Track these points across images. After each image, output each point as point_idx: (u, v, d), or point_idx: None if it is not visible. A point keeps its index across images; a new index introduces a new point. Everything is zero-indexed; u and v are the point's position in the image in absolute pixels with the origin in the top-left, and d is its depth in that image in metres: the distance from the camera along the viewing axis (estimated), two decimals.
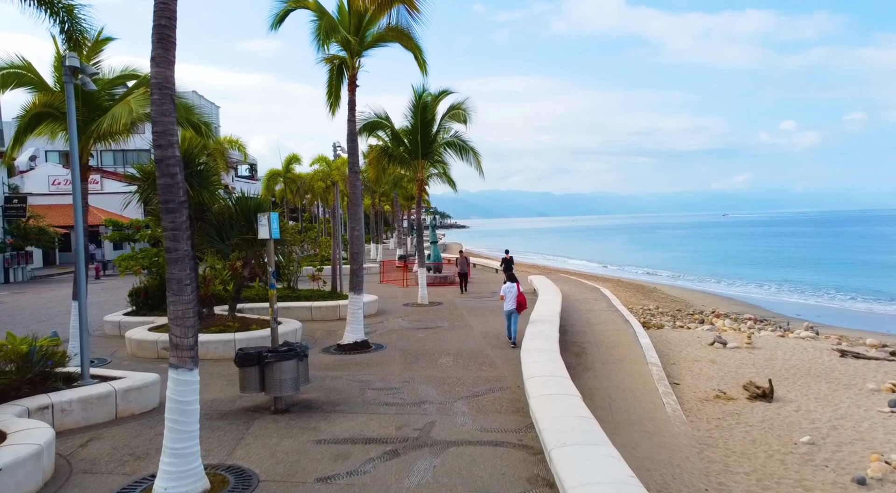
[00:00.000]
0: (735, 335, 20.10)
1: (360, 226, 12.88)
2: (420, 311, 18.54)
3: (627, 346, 16.13)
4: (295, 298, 17.65)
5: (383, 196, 47.81)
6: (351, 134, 12.83)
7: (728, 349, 17.53)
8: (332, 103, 13.84)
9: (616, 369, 14.26)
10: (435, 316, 17.43)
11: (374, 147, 21.03)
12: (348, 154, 12.84)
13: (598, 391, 12.46)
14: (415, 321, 16.59)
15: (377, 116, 19.32)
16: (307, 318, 16.85)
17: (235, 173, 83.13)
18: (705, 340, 19.40)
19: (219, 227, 13.55)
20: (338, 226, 20.40)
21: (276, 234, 9.10)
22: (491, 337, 14.11)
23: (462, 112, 19.09)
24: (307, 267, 19.30)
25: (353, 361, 11.80)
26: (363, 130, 19.32)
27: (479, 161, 20.73)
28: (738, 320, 27.98)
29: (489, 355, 12.07)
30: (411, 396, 9.27)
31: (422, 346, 13.12)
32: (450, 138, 20.36)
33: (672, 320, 27.40)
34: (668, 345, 18.56)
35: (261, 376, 8.45)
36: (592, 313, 19.75)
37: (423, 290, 19.80)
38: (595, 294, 23.38)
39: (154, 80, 5.62)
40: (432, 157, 20.37)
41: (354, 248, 12.87)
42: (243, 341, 12.26)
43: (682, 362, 16.42)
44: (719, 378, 14.47)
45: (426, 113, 19.26)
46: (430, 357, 12.00)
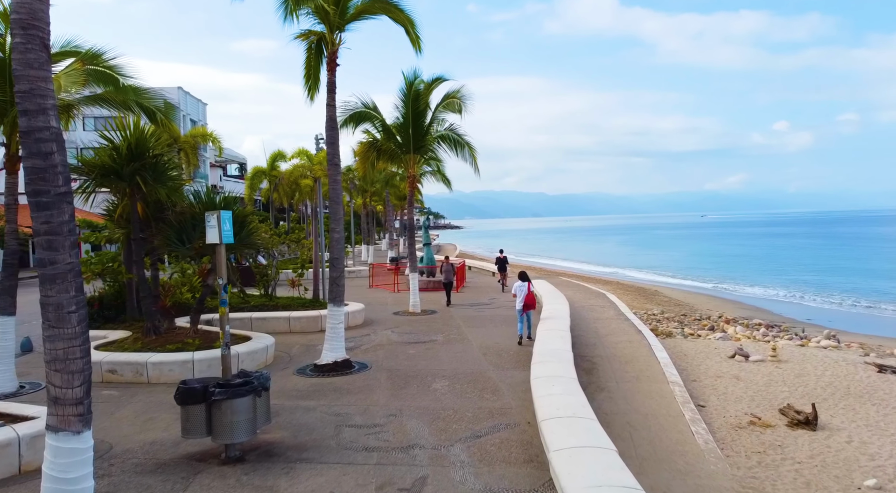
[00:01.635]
0: (756, 346, 18.46)
1: (341, 227, 11.14)
2: (412, 321, 16.79)
3: (643, 360, 14.43)
4: (272, 306, 15.87)
5: (375, 195, 45.98)
6: (330, 120, 11.08)
7: (752, 363, 15.87)
8: (311, 87, 12.08)
9: (633, 388, 12.56)
10: (428, 327, 15.68)
11: (364, 143, 19.27)
12: (327, 144, 11.09)
13: (616, 417, 10.76)
14: (405, 334, 14.83)
15: (364, 106, 17.56)
16: (284, 329, 15.07)
17: (224, 172, 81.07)
18: (724, 351, 17.75)
19: (180, 228, 11.77)
20: (320, 226, 18.63)
21: (227, 237, 7.33)
22: (491, 354, 12.37)
23: (457, 101, 17.34)
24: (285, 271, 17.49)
25: (331, 385, 10.04)
26: (349, 122, 17.56)
27: (474, 157, 19.02)
28: (750, 326, 26.42)
29: (491, 379, 10.32)
30: (398, 436, 7.52)
31: (412, 365, 11.37)
32: (444, 131, 18.63)
33: (679, 326, 25.82)
34: (685, 357, 16.89)
35: (207, 417, 6.69)
36: (601, 322, 18.05)
37: (415, 297, 18.05)
38: (601, 300, 21.70)
39: (15, 16, 3.84)
40: (425, 151, 18.62)
41: (334, 252, 11.12)
42: (204, 362, 10.48)
43: (702, 377, 14.73)
44: (749, 399, 12.80)
45: (418, 102, 17.51)
46: (421, 381, 10.25)
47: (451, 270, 20.35)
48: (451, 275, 20.25)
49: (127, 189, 11.15)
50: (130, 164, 10.86)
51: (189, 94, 62.98)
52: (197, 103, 65.76)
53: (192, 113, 63.62)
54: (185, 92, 61.99)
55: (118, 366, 10.33)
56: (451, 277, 20.30)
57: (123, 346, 11.14)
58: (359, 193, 44.67)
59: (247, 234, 12.12)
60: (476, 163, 19.14)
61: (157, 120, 11.09)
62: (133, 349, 10.91)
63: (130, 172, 10.86)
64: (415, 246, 19.18)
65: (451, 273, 20.22)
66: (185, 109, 60.97)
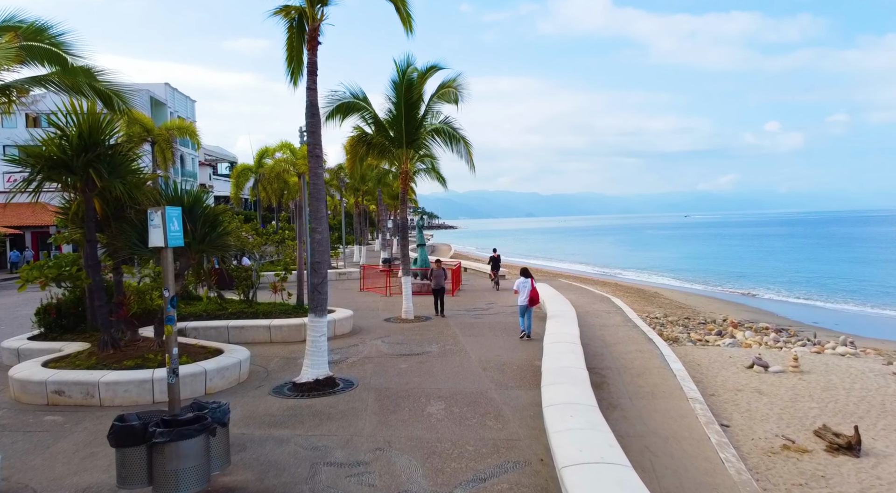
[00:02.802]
0: (773, 355, 17.28)
1: (324, 227, 9.83)
2: (404, 328, 15.49)
3: (657, 373, 13.18)
4: (252, 314, 14.53)
5: (367, 195, 44.62)
6: (311, 106, 9.77)
7: (773, 375, 14.67)
8: (294, 70, 10.77)
9: (649, 406, 11.31)
10: (422, 336, 14.38)
11: (353, 137, 17.93)
12: (308, 133, 9.78)
13: (634, 441, 9.51)
14: (397, 344, 13.53)
15: (353, 96, 16.23)
16: (264, 339, 13.75)
17: (214, 171, 79.46)
18: (739, 360, 16.57)
19: (142, 228, 10.42)
20: (305, 225, 17.27)
21: (175, 239, 6.00)
22: (492, 368, 11.09)
23: (453, 90, 16.04)
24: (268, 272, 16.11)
25: (310, 409, 8.72)
26: (336, 113, 16.23)
27: (470, 152, 17.73)
28: (759, 331, 25.31)
29: (494, 401, 9.04)
30: (385, 479, 6.23)
31: (404, 383, 10.07)
32: (438, 125, 17.33)
33: (685, 330, 24.68)
34: (698, 368, 15.68)
35: (148, 463, 5.38)
36: (607, 329, 16.81)
37: (408, 302, 16.76)
38: (606, 305, 20.46)
39: None
40: (418, 146, 17.32)
41: (316, 255, 9.81)
42: (165, 382, 9.14)
43: (721, 391, 13.52)
44: (776, 417, 11.59)
45: (411, 93, 16.21)
46: (414, 402, 8.96)
47: (443, 275, 17.69)
48: (442, 280, 17.55)
49: (79, 184, 9.79)
50: (83, 155, 9.51)
51: (177, 90, 61.43)
52: (185, 100, 64.18)
53: (179, 110, 62.04)
54: (173, 88, 60.45)
55: (66, 386, 8.98)
56: (442, 282, 17.53)
57: (76, 362, 9.79)
58: (350, 192, 43.33)
59: (218, 235, 10.79)
60: (472, 159, 17.85)
61: (115, 106, 9.73)
62: (86, 366, 9.57)
63: (83, 165, 9.52)
64: (408, 247, 17.88)
65: (442, 278, 17.54)
66: (172, 106, 59.42)
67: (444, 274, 17.66)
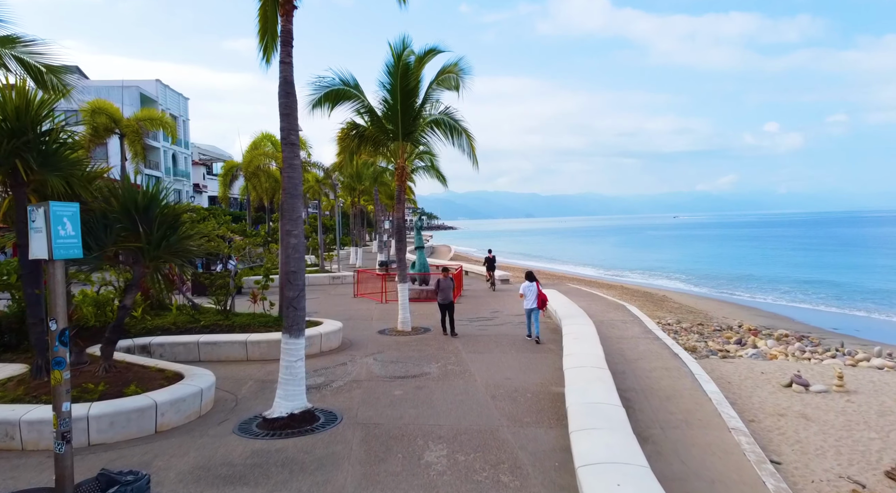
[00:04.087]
0: (811, 370, 15.58)
1: (300, 229, 8.14)
2: (400, 343, 13.79)
3: (688, 396, 11.47)
4: (227, 327, 12.82)
5: (364, 194, 42.90)
6: (285, 83, 8.08)
7: (816, 395, 12.99)
8: (267, 45, 9.11)
9: (685, 438, 9.61)
10: (419, 352, 12.68)
11: (344, 129, 16.23)
12: (281, 116, 8.09)
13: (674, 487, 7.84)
14: (391, 362, 11.82)
15: (343, 83, 14.54)
16: (240, 357, 12.06)
17: (209, 171, 77.66)
18: (773, 376, 14.90)
19: (85, 230, 8.74)
20: None
21: (66, 249, 4.31)
22: (503, 396, 9.38)
23: (454, 75, 14.35)
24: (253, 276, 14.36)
25: (279, 455, 7.02)
26: (324, 101, 14.54)
27: (473, 146, 16.04)
28: (780, 339, 23.65)
29: (507, 444, 7.34)
30: None
31: (397, 417, 8.37)
32: (438, 116, 15.63)
33: (702, 339, 23.00)
34: (728, 386, 13.99)
35: None
36: (626, 342, 15.11)
37: (405, 312, 15.06)
38: (622, 314, 18.75)
39: None
40: (416, 138, 15.63)
41: (291, 263, 8.11)
42: (105, 419, 7.45)
43: (761, 416, 11.82)
44: (834, 451, 9.90)
45: (408, 79, 14.52)
46: (408, 446, 7.26)
47: (452, 286, 14.85)
48: (450, 293, 14.69)
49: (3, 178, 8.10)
50: (7, 142, 7.82)
51: (169, 87, 59.73)
52: (177, 97, 62.47)
53: (171, 107, 60.31)
54: (165, 85, 58.76)
55: None
56: (450, 295, 14.66)
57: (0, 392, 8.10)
58: (347, 191, 41.61)
59: (178, 238, 9.10)
60: (475, 153, 16.16)
61: (48, 84, 8.03)
62: (10, 398, 7.86)
63: (6, 154, 7.82)
64: (405, 251, 16.17)
65: (450, 291, 14.69)
66: (164, 103, 57.72)
67: (452, 285, 14.94)
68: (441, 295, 14.63)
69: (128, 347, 11.75)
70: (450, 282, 14.86)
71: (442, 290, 14.64)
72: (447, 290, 14.69)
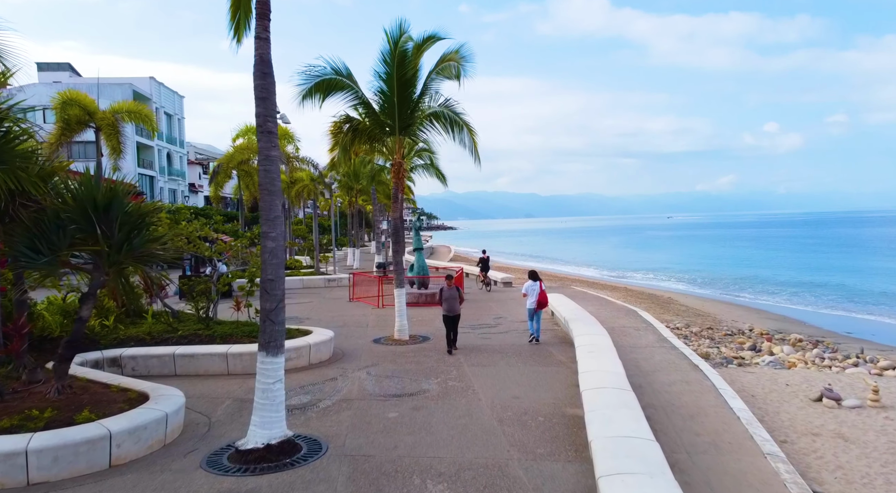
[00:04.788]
0: (839, 381, 14.49)
1: (280, 231, 7.04)
2: (396, 353, 12.69)
3: (714, 414, 10.38)
4: (207, 338, 11.71)
5: (362, 194, 41.79)
6: (261, 62, 6.98)
7: (850, 411, 11.91)
8: (239, 22, 7.98)
9: (716, 465, 8.53)
10: (418, 365, 11.57)
11: (336, 122, 15.15)
12: (256, 99, 7.00)
13: None
14: (386, 377, 10.72)
15: (335, 72, 13.45)
16: (220, 371, 10.96)
17: (204, 171, 76.51)
18: (800, 389, 13.84)
19: (37, 232, 7.66)
20: None
21: None
22: (511, 420, 8.27)
23: (456, 63, 13.25)
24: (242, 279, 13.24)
25: None
26: (315, 92, 13.46)
27: (475, 141, 14.97)
28: (796, 344, 22.61)
29: (520, 483, 6.23)
30: None
31: (391, 447, 7.27)
32: (437, 108, 14.55)
33: (714, 344, 21.97)
34: (753, 400, 12.90)
35: None
36: (640, 351, 14.01)
37: (402, 319, 13.97)
38: (634, 320, 17.65)
39: None
40: (413, 132, 14.55)
41: (268, 270, 7.02)
42: (48, 454, 6.35)
43: (793, 435, 10.73)
44: (882, 479, 8.82)
45: (405, 67, 13.43)
46: (403, 486, 6.17)
47: (458, 295, 12.91)
48: (457, 304, 12.79)
49: None
50: None
51: (163, 85, 58.63)
52: (172, 95, 61.36)
53: (166, 105, 59.23)
54: (159, 83, 57.67)
55: None
56: (457, 307, 12.78)
57: None
58: (344, 190, 40.54)
59: (143, 241, 8.01)
60: (476, 148, 15.08)
61: None
62: None
63: None
64: (402, 253, 15.07)
65: (456, 302, 12.80)
66: (158, 101, 56.64)
67: (458, 295, 12.92)
68: (447, 305, 12.72)
69: (96, 360, 10.67)
70: (454, 291, 12.87)
71: (446, 300, 12.73)
72: (452, 300, 12.74)
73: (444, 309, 12.77)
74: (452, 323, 12.71)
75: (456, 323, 12.80)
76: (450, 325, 12.71)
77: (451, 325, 12.72)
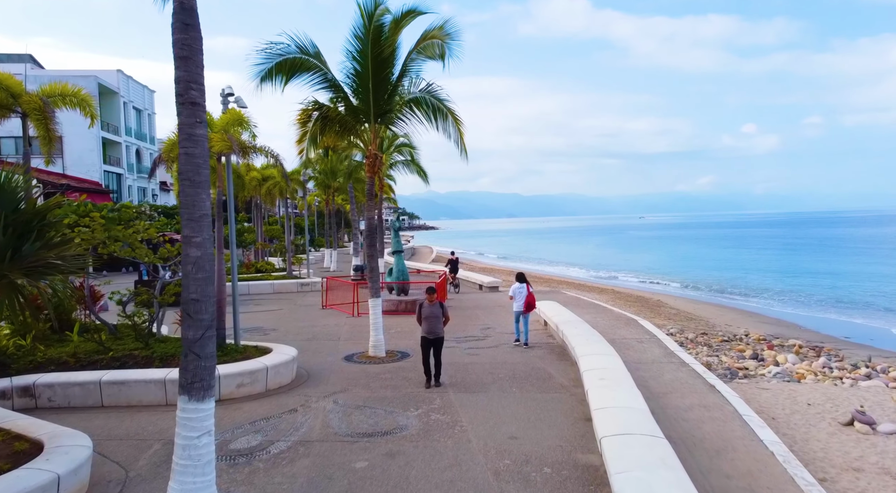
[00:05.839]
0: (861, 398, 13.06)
1: (205, 235, 5.27)
2: (370, 374, 10.93)
3: (743, 448, 8.78)
4: (144, 360, 9.85)
5: (340, 192, 39.89)
6: (181, 10, 5.22)
7: (888, 438, 10.40)
8: None
9: None
10: (395, 391, 9.82)
11: (304, 109, 13.32)
12: (175, 60, 5.22)
13: None
14: (356, 408, 8.95)
15: (300, 50, 11.65)
16: (158, 401, 9.12)
17: None
18: (823, 408, 12.39)
19: None
20: (231, 226, 12.63)
21: None
22: (510, 473, 6.56)
23: (441, 40, 11.53)
24: None
25: None
26: (277, 72, 11.66)
27: (461, 131, 13.29)
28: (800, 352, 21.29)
29: None
30: None
31: None
32: (419, 94, 12.83)
33: (712, 352, 20.53)
34: (775, 423, 11.36)
35: None
36: (647, 367, 12.41)
37: (378, 333, 12.23)
38: (636, 331, 16.08)
39: None
40: (391, 119, 12.81)
41: (189, 288, 5.26)
42: None
43: (832, 471, 9.20)
44: None
45: (381, 45, 11.68)
46: None
47: (440, 314, 10.16)
48: (438, 325, 10.09)
49: None
50: None
51: (132, 78, 56.06)
52: (142, 89, 58.78)
53: (135, 99, 56.66)
54: (127, 76, 55.12)
55: None
56: (438, 328, 10.10)
57: None
58: (321, 188, 38.60)
59: (40, 247, 6.19)
60: (462, 139, 13.40)
61: None
62: None
63: None
64: (377, 258, 13.30)
65: (438, 322, 10.09)
66: (126, 95, 54.12)
67: (441, 312, 10.17)
68: (426, 325, 10.05)
69: (3, 390, 8.78)
70: (437, 308, 10.12)
71: (427, 319, 10.04)
72: (433, 320, 10.02)
73: (424, 330, 10.14)
74: (434, 348, 10.07)
75: (439, 348, 10.11)
76: (430, 350, 10.08)
77: (433, 350, 10.09)
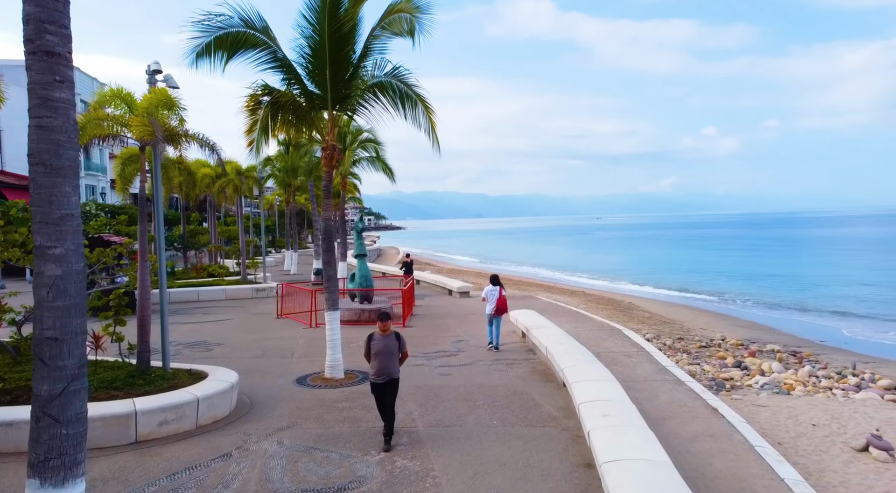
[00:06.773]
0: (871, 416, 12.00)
1: (68, 245, 3.62)
2: (325, 403, 9.28)
3: (762, 489, 7.48)
4: None
5: (301, 190, 37.88)
6: None
7: None
8: None
9: None
10: (352, 426, 8.20)
11: (253, 95, 11.57)
12: None
13: None
14: (304, 452, 7.29)
15: (244, 23, 9.94)
16: None
17: None
18: (830, 429, 11.35)
19: None
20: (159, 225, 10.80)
21: None
22: None
23: (409, 14, 9.96)
24: None
25: None
26: (217, 49, 9.94)
27: (432, 120, 11.76)
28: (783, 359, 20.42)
29: None
30: None
31: None
32: (384, 78, 11.24)
33: (693, 360, 19.51)
34: (781, 448, 10.22)
35: None
36: (639, 386, 11.05)
37: (336, 352, 10.58)
38: (622, 342, 14.75)
39: None
40: (351, 105, 11.18)
41: (45, 321, 3.61)
42: None
43: None
44: None
45: (339, 18, 10.05)
46: None
47: (396, 349, 7.51)
48: (393, 364, 7.44)
49: None
50: None
51: (79, 70, 52.74)
52: (91, 82, 55.36)
53: (83, 93, 53.26)
54: (76, 68, 51.86)
55: None
56: (392, 367, 7.43)
57: None
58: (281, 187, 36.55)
59: None
60: (434, 129, 11.87)
61: None
62: None
63: None
64: (334, 264, 11.63)
65: (392, 359, 7.43)
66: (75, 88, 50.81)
67: (398, 347, 7.55)
68: (377, 364, 7.35)
69: None
70: (391, 341, 7.45)
71: (377, 355, 7.37)
72: (387, 356, 7.36)
73: (373, 371, 7.41)
74: (388, 395, 7.40)
75: (393, 394, 7.47)
76: (383, 397, 7.40)
77: (383, 393, 7.40)
